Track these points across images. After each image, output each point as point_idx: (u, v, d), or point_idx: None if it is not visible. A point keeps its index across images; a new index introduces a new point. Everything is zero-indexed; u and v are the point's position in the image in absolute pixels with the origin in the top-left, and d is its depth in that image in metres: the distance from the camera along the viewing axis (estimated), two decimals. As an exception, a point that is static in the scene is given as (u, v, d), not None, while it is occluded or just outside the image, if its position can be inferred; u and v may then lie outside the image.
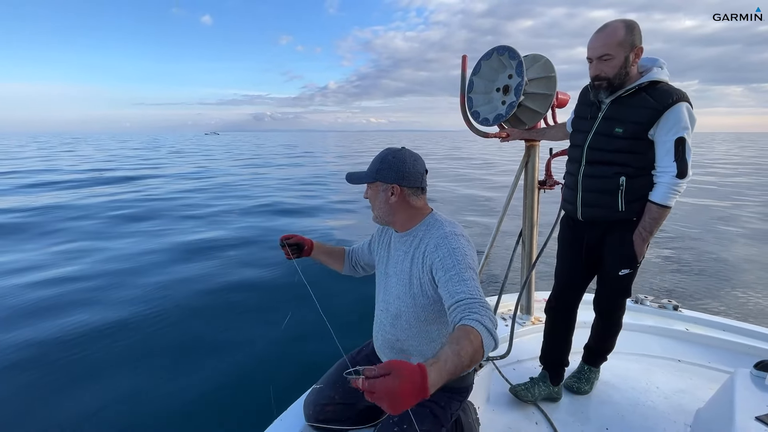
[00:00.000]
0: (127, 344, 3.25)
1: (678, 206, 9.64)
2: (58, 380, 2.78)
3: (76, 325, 3.53)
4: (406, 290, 1.27)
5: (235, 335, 3.43)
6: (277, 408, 1.48)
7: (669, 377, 1.96)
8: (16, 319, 3.67)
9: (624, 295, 1.71)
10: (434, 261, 1.18)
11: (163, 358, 3.06)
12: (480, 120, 2.16)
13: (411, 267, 1.27)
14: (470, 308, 1.03)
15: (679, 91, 1.42)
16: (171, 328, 3.52)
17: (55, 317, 3.69)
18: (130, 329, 3.49)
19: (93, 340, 3.29)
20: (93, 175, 15.98)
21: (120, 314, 3.74)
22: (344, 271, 1.62)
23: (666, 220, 1.51)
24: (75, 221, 7.81)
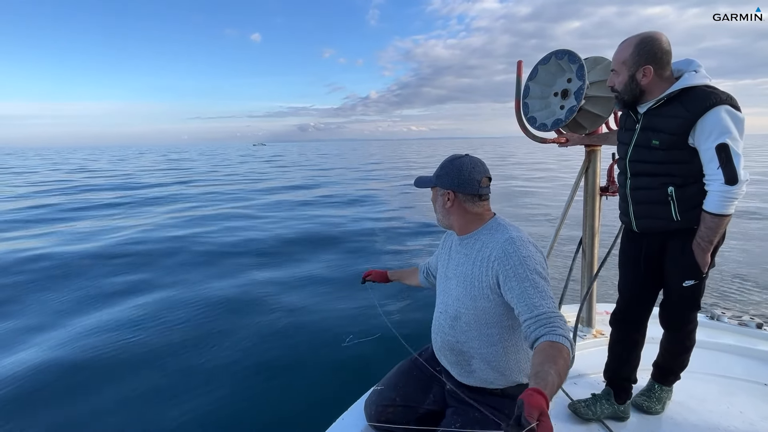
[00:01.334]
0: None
1: (755, 212, 8.72)
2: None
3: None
4: (465, 292, 1.29)
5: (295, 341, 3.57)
6: (337, 408, 1.53)
7: (754, 402, 1.78)
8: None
9: (693, 308, 1.59)
10: (504, 269, 1.18)
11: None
12: (537, 125, 2.12)
13: (472, 269, 1.27)
14: (554, 323, 1.08)
15: (716, 94, 1.33)
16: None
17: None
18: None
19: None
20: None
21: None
22: (421, 284, 1.75)
23: (746, 224, 1.40)
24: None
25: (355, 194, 13.73)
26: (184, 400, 2.70)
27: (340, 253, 6.47)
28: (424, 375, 1.47)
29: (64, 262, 5.93)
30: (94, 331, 3.74)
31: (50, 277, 5.34)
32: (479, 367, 1.31)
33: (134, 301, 4.43)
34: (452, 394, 1.39)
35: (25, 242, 7.29)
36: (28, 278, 5.30)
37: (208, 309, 4.20)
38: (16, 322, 4.02)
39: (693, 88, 1.38)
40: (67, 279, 5.26)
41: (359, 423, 1.46)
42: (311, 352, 3.31)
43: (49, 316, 4.15)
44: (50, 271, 5.59)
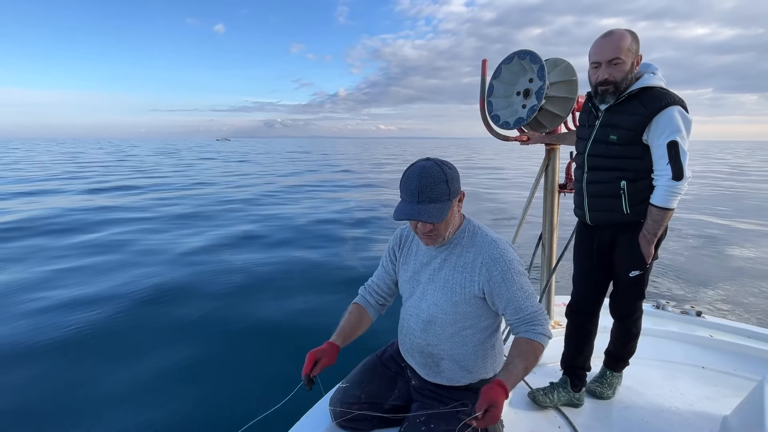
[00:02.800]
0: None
1: (698, 212, 9.46)
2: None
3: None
4: (446, 298, 1.27)
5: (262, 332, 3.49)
6: (302, 406, 1.50)
7: (693, 384, 1.93)
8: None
9: (638, 298, 1.70)
10: (492, 275, 1.21)
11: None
12: (500, 124, 2.17)
13: (454, 275, 1.27)
14: (536, 321, 1.20)
15: (670, 95, 1.44)
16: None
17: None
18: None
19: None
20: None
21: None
22: (373, 321, 1.48)
23: (685, 225, 1.50)
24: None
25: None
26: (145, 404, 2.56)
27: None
28: (389, 371, 1.47)
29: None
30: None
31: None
32: (448, 367, 1.33)
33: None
34: (417, 390, 1.41)
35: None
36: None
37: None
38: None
39: (651, 88, 1.47)
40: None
41: (324, 421, 1.44)
42: (269, 350, 3.24)
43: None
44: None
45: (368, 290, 1.50)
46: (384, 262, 1.48)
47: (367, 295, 1.49)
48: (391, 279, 1.47)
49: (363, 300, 1.48)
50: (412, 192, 1.16)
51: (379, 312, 1.49)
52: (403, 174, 1.21)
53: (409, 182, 1.18)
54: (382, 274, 1.48)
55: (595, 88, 1.55)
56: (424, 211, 1.15)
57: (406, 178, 1.19)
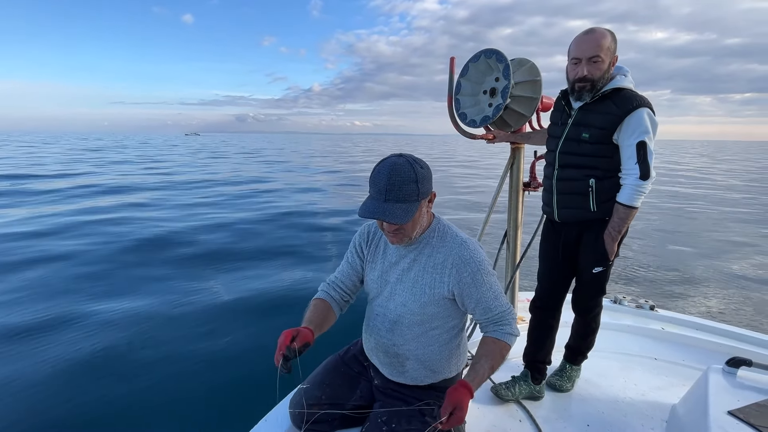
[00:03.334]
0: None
1: (658, 211, 9.98)
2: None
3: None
4: (414, 299, 1.25)
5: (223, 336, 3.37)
6: (262, 408, 1.46)
7: (646, 375, 2.02)
8: None
9: (599, 293, 1.76)
10: (462, 276, 1.20)
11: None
12: (467, 121, 2.18)
13: (423, 276, 1.25)
14: (504, 321, 1.22)
15: (640, 97, 1.49)
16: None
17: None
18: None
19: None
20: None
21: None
22: (337, 318, 1.40)
23: (646, 224, 1.57)
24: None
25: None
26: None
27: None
28: (351, 371, 1.45)
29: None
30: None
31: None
32: (413, 367, 1.32)
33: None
34: (380, 389, 1.39)
35: None
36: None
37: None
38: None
39: (622, 89, 1.52)
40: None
41: (284, 423, 1.40)
42: (232, 352, 3.15)
43: None
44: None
45: (332, 286, 1.41)
46: (350, 258, 1.41)
47: (331, 291, 1.40)
48: (356, 276, 1.41)
49: (327, 295, 1.38)
50: (380, 189, 1.12)
51: (342, 309, 1.41)
52: (373, 168, 1.16)
53: (378, 178, 1.13)
54: (347, 270, 1.41)
55: (572, 84, 1.56)
56: (390, 210, 1.11)
57: (376, 174, 1.14)
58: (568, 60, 1.57)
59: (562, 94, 1.69)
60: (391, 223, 1.12)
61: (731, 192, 14.46)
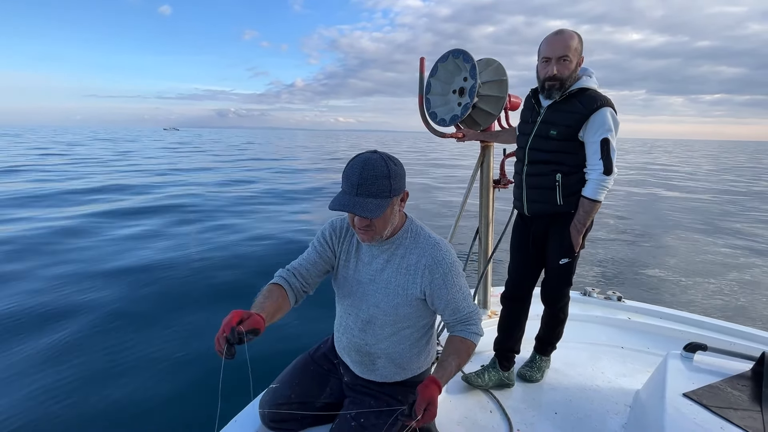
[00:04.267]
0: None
1: (627, 205, 10.34)
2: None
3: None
4: (387, 300, 1.26)
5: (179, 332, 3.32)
6: (231, 410, 1.44)
7: (613, 363, 2.10)
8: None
9: (566, 284, 1.82)
10: (434, 278, 1.22)
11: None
12: (437, 120, 2.22)
13: (396, 277, 1.26)
14: (470, 321, 1.26)
15: (604, 97, 1.58)
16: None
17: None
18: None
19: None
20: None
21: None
22: (291, 308, 1.29)
23: (615, 219, 1.63)
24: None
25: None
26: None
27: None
28: (321, 369, 1.45)
29: None
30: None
31: None
32: (383, 365, 1.34)
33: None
34: (349, 386, 1.40)
35: None
36: None
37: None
38: None
39: (587, 89, 1.59)
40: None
41: (253, 424, 1.39)
42: (203, 354, 3.11)
43: None
44: None
45: (292, 273, 1.31)
46: (318, 248, 1.34)
47: (291, 278, 1.29)
48: (321, 267, 1.33)
49: (285, 282, 1.27)
50: (352, 183, 1.12)
51: (298, 300, 1.30)
52: (347, 164, 1.16)
53: (350, 173, 1.13)
54: (313, 260, 1.33)
55: (542, 82, 1.62)
56: (361, 204, 1.10)
57: (349, 168, 1.14)
58: (539, 59, 1.64)
59: (532, 92, 1.76)
60: (362, 216, 1.11)
61: (695, 189, 15.11)
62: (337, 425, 1.27)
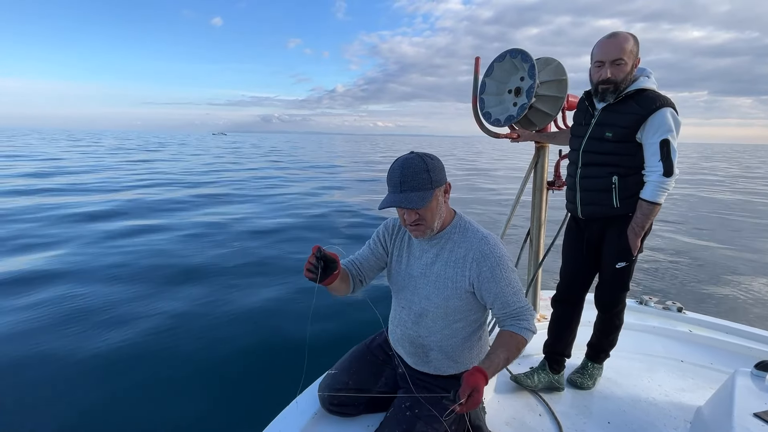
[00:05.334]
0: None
1: (690, 209, 9.62)
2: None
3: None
4: (437, 292, 1.30)
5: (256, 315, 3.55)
6: (293, 391, 1.54)
7: (671, 376, 2.00)
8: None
9: (623, 289, 1.77)
10: (482, 270, 1.25)
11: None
12: (491, 121, 2.21)
13: (446, 270, 1.30)
14: (522, 316, 1.25)
15: (663, 97, 1.53)
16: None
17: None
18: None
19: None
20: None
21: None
22: (349, 294, 1.43)
23: (675, 224, 1.57)
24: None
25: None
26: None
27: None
28: (377, 359, 1.52)
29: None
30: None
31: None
32: (436, 357, 1.38)
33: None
34: (403, 378, 1.45)
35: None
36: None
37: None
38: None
39: (645, 90, 1.56)
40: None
41: (313, 406, 1.48)
42: (264, 336, 3.29)
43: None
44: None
45: (351, 261, 1.43)
46: (372, 246, 1.45)
47: (350, 266, 1.42)
48: (376, 263, 1.44)
49: (347, 267, 1.41)
50: (395, 183, 1.21)
51: (354, 288, 1.41)
52: (388, 169, 1.25)
53: (392, 174, 1.22)
54: (368, 256, 1.44)
55: (596, 86, 1.61)
56: (406, 198, 1.19)
57: (390, 171, 1.23)
58: (591, 63, 1.63)
59: (586, 95, 1.74)
60: (409, 208, 1.19)
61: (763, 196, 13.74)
62: (392, 413, 1.33)
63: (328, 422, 1.47)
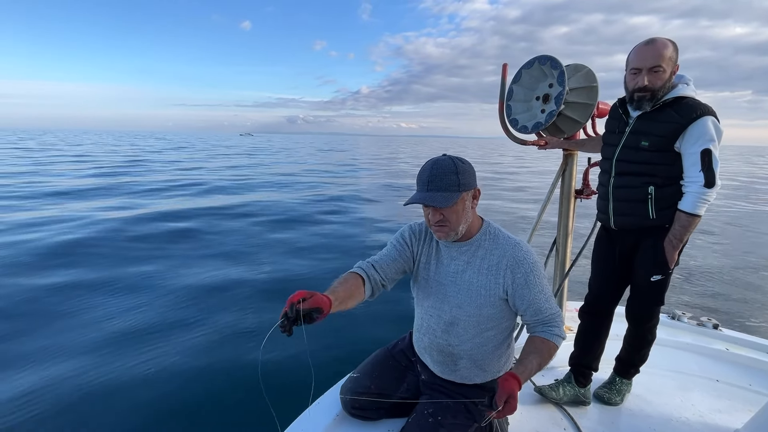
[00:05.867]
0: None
1: (724, 221, 9.17)
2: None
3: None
4: (470, 300, 1.29)
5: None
6: (314, 393, 1.56)
7: (706, 396, 1.91)
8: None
9: (656, 303, 1.71)
10: (515, 278, 1.24)
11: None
12: (518, 127, 2.18)
13: (478, 278, 1.28)
14: (553, 323, 1.25)
15: (704, 105, 1.48)
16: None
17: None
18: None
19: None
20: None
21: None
22: (365, 300, 1.29)
23: (708, 235, 1.51)
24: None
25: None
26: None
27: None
28: (399, 365, 1.52)
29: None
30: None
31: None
32: (465, 366, 1.36)
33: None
34: (427, 384, 1.45)
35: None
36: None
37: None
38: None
39: (684, 98, 1.51)
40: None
41: (334, 408, 1.49)
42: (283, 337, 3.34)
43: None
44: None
45: (371, 265, 1.33)
46: (399, 248, 1.37)
47: (370, 270, 1.31)
48: (399, 266, 1.36)
49: (363, 273, 1.30)
50: (423, 181, 1.22)
51: (374, 293, 1.31)
52: (420, 168, 1.26)
53: (422, 173, 1.24)
54: (393, 256, 1.35)
55: (631, 93, 1.57)
56: (432, 197, 1.19)
57: (421, 170, 1.25)
58: (626, 70, 1.58)
59: (620, 102, 1.69)
60: (434, 207, 1.19)
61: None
62: (414, 419, 1.32)
63: (349, 425, 1.48)
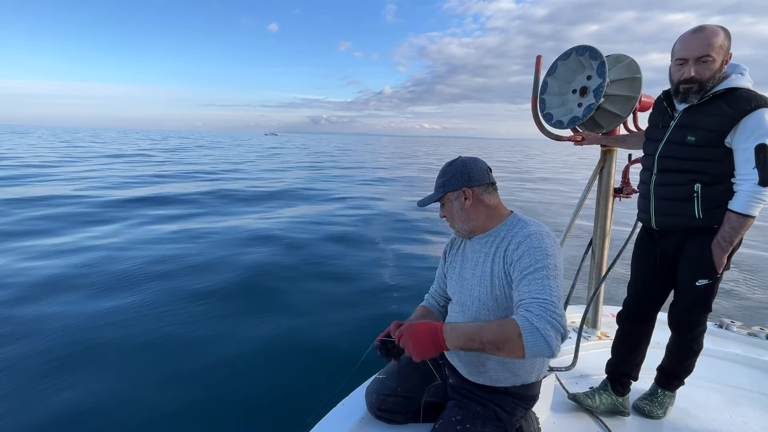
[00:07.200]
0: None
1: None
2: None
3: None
4: (487, 292, 1.24)
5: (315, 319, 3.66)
6: (341, 393, 1.54)
7: (758, 413, 1.76)
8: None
9: (704, 310, 1.58)
10: (513, 260, 1.16)
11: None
12: (553, 122, 2.09)
13: (492, 268, 1.23)
14: (527, 306, 1.02)
15: (761, 97, 1.35)
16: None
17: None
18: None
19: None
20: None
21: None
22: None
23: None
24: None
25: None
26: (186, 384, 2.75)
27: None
28: (426, 368, 1.47)
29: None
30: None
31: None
32: (493, 367, 1.29)
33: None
34: (454, 388, 1.39)
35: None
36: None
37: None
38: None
39: (737, 89, 1.39)
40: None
41: (359, 410, 1.47)
42: (310, 338, 3.35)
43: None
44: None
45: (432, 295, 1.56)
46: (441, 263, 1.52)
47: (432, 299, 1.55)
48: (446, 283, 1.49)
49: (429, 303, 1.55)
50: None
51: (443, 315, 1.50)
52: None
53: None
54: (440, 274, 1.52)
55: (676, 85, 1.46)
56: (422, 198, 1.35)
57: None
58: (672, 61, 1.47)
59: (664, 95, 1.58)
60: (418, 205, 1.36)
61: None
62: (441, 425, 1.27)
63: (374, 427, 1.45)
